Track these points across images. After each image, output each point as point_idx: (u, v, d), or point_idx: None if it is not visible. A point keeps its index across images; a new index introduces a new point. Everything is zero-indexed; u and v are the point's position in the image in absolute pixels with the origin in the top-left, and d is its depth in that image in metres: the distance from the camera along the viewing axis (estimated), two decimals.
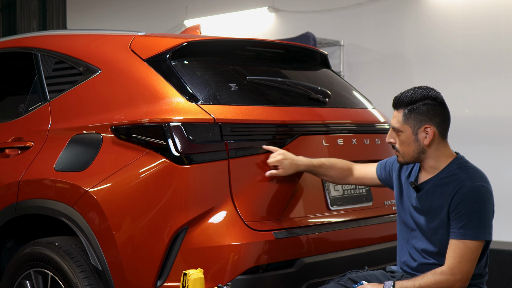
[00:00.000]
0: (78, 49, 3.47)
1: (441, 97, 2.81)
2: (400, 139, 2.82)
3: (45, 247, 3.16)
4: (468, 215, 2.67)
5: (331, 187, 3.35)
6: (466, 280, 2.68)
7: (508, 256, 5.39)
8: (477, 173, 2.76)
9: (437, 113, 2.77)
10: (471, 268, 2.68)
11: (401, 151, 2.83)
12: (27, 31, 10.89)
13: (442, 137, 2.81)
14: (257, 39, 3.67)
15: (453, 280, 2.66)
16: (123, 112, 3.09)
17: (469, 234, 2.66)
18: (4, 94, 3.96)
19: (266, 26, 7.98)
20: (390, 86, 6.96)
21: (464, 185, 2.70)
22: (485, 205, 2.69)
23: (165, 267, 2.89)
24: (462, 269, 2.66)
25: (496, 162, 6.13)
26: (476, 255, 2.68)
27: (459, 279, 2.66)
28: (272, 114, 3.16)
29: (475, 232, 2.66)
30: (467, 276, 2.67)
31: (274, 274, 2.97)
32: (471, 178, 2.72)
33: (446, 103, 2.82)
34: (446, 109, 2.81)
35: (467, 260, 2.66)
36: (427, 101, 2.76)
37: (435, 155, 2.80)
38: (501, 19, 6.25)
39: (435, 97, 2.78)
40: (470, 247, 2.66)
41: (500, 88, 6.23)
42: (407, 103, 2.78)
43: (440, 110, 2.78)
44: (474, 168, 2.80)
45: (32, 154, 3.34)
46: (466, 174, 2.74)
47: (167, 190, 2.91)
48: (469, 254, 2.66)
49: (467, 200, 2.68)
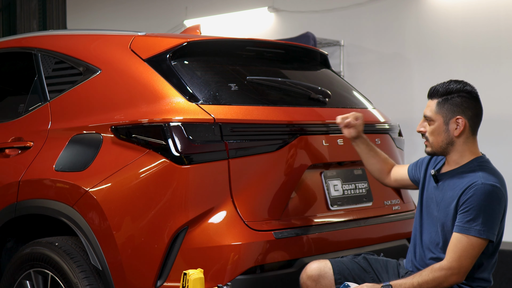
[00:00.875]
0: (78, 49, 3.47)
1: (476, 92, 2.85)
2: (431, 128, 2.85)
3: (45, 247, 3.16)
4: (476, 211, 2.67)
5: (331, 187, 3.35)
6: (463, 275, 2.68)
7: (508, 256, 5.39)
8: (494, 173, 2.78)
9: (471, 107, 2.81)
10: (470, 264, 2.69)
11: (431, 141, 2.87)
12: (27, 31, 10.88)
13: (472, 132, 2.83)
14: (257, 39, 3.68)
15: (451, 273, 2.67)
16: (123, 112, 3.09)
17: (474, 229, 2.67)
18: (4, 94, 3.96)
19: (266, 26, 7.98)
20: (390, 86, 6.96)
21: (478, 181, 2.72)
22: (494, 205, 2.69)
23: (165, 267, 2.89)
24: (461, 264, 2.67)
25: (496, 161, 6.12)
26: (477, 252, 2.68)
27: (456, 272, 2.67)
28: (272, 114, 3.16)
29: (480, 229, 2.66)
30: (464, 271, 2.68)
31: (274, 274, 2.98)
32: (487, 176, 2.73)
33: (480, 99, 2.85)
34: (479, 104, 2.85)
35: (467, 256, 2.67)
36: (462, 94, 2.81)
37: (462, 149, 2.83)
38: (501, 19, 6.25)
39: (470, 91, 2.83)
40: (472, 244, 2.66)
41: (500, 87, 6.23)
42: (442, 93, 2.84)
43: (473, 104, 2.82)
44: (493, 169, 2.82)
45: (32, 154, 3.34)
46: (483, 172, 2.76)
47: (167, 190, 2.91)
48: (470, 250, 2.67)
49: (476, 196, 2.69)
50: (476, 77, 6.31)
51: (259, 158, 3.04)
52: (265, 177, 3.04)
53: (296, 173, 3.14)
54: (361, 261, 2.99)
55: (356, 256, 3.02)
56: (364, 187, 3.49)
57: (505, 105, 6.21)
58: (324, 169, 3.34)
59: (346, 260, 2.97)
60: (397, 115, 5.93)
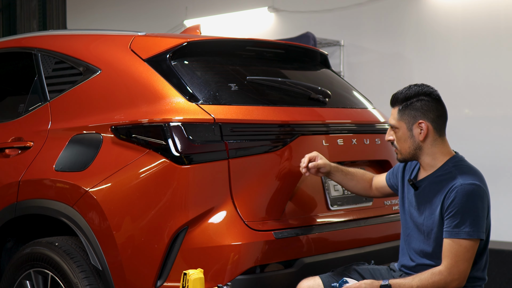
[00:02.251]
0: (78, 49, 3.47)
1: (437, 93, 2.83)
2: (397, 136, 2.86)
3: (45, 247, 3.16)
4: (461, 213, 2.67)
5: (331, 187, 3.35)
6: (463, 280, 2.68)
7: (508, 256, 5.39)
8: (471, 171, 2.76)
9: (431, 109, 2.79)
10: (468, 267, 2.68)
11: (399, 148, 2.87)
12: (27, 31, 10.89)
13: (438, 134, 2.82)
14: (257, 39, 3.67)
15: (451, 280, 2.66)
16: (123, 112, 3.09)
17: (463, 232, 2.66)
18: (4, 94, 3.96)
19: (266, 26, 7.98)
20: (390, 86, 6.93)
21: (456, 183, 2.71)
22: (477, 204, 2.68)
23: (165, 267, 2.89)
24: (459, 269, 2.66)
25: (496, 161, 6.13)
26: (471, 254, 2.68)
27: (457, 278, 2.66)
28: (272, 114, 3.16)
29: (469, 231, 2.66)
30: (464, 275, 2.68)
31: (274, 274, 2.98)
32: (464, 176, 2.72)
33: (442, 99, 2.84)
34: (441, 105, 2.83)
35: (463, 260, 2.66)
36: (421, 97, 2.80)
37: (431, 151, 2.82)
38: (501, 19, 6.25)
39: (429, 93, 2.81)
40: (465, 246, 2.66)
41: (500, 88, 6.23)
42: (401, 99, 2.83)
43: (434, 106, 2.80)
44: (469, 166, 2.80)
45: (32, 154, 3.34)
46: (460, 172, 2.75)
47: (167, 190, 2.91)
48: (465, 253, 2.66)
49: (459, 198, 2.68)
50: (476, 77, 6.32)
51: (259, 158, 3.04)
52: (265, 177, 3.04)
53: (296, 173, 3.14)
54: (352, 274, 2.96)
55: (346, 268, 2.99)
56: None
57: (505, 105, 6.21)
58: None
59: (336, 274, 2.94)
60: None
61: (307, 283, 2.90)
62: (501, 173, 6.10)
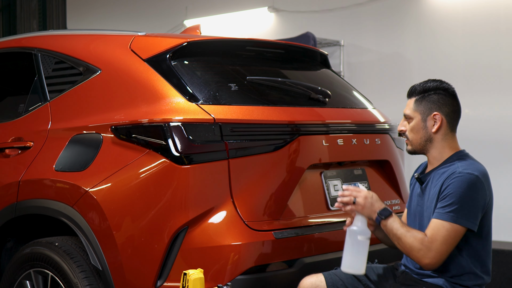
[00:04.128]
0: (78, 49, 3.47)
1: (453, 89, 2.91)
2: (410, 126, 2.91)
3: (45, 247, 3.16)
4: (452, 197, 2.69)
5: (331, 187, 3.35)
6: (437, 261, 2.67)
7: (508, 256, 5.39)
8: (474, 164, 2.79)
9: (447, 103, 2.86)
10: (447, 250, 2.67)
11: (410, 138, 2.91)
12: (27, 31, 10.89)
13: (450, 129, 2.87)
14: (257, 39, 3.67)
15: (426, 253, 2.65)
16: (123, 112, 3.09)
17: (448, 215, 2.67)
18: (4, 94, 3.96)
19: (266, 26, 7.98)
20: (390, 86, 6.96)
21: (456, 170, 2.74)
22: (471, 193, 2.69)
23: (165, 267, 2.90)
24: (438, 248, 2.65)
25: (497, 161, 6.12)
26: (453, 239, 2.67)
27: (432, 256, 2.65)
28: (272, 114, 3.16)
29: (453, 215, 2.67)
30: (440, 256, 2.66)
31: (274, 274, 2.98)
32: (465, 166, 2.76)
33: (457, 97, 2.90)
34: (457, 101, 2.90)
35: (444, 242, 2.66)
36: (439, 91, 2.88)
37: (441, 145, 2.86)
38: (501, 19, 6.25)
39: (447, 88, 2.89)
40: (448, 229, 2.66)
41: (500, 88, 6.23)
42: (419, 91, 2.91)
43: (450, 101, 2.87)
44: (473, 160, 2.84)
45: (32, 154, 3.34)
46: (461, 163, 2.79)
47: (167, 190, 2.91)
48: (446, 236, 2.66)
49: (454, 184, 2.71)
50: (476, 77, 6.32)
51: (259, 158, 3.04)
52: (265, 177, 3.04)
53: (296, 173, 3.14)
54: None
55: None
56: (364, 187, 3.49)
57: (505, 106, 6.21)
58: (324, 169, 3.34)
59: (339, 271, 2.93)
60: (397, 115, 5.91)
61: (310, 280, 2.92)
62: (501, 173, 6.09)
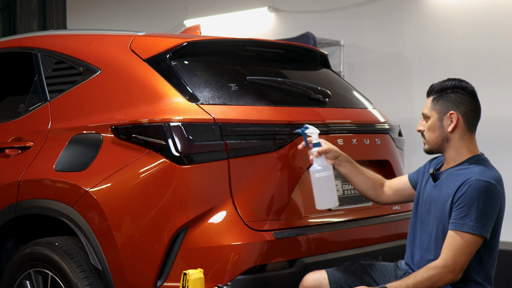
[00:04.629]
0: (78, 49, 3.47)
1: (472, 88, 2.86)
2: (427, 125, 2.87)
3: (45, 247, 3.16)
4: (469, 206, 2.66)
5: None
6: (458, 272, 2.66)
7: (508, 256, 5.39)
8: (490, 171, 2.76)
9: (465, 102, 2.81)
10: (465, 261, 2.67)
11: (427, 138, 2.88)
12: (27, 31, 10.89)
13: (468, 129, 2.82)
14: (257, 39, 3.67)
15: (446, 272, 2.65)
16: (123, 112, 3.09)
17: (467, 225, 2.65)
18: (4, 94, 3.96)
19: (266, 26, 7.98)
20: (390, 86, 6.96)
21: (472, 177, 2.70)
22: (488, 201, 2.67)
23: (165, 267, 2.89)
24: (456, 261, 2.65)
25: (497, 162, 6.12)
26: (472, 249, 2.66)
27: (452, 270, 2.65)
28: (272, 114, 3.16)
29: (473, 225, 2.65)
30: (459, 268, 2.66)
31: (274, 274, 2.98)
32: (481, 173, 2.72)
33: (477, 96, 2.86)
34: (475, 100, 2.84)
35: (462, 253, 2.65)
36: (457, 90, 2.83)
37: (458, 146, 2.82)
38: (501, 19, 6.25)
39: (465, 87, 2.84)
40: (467, 240, 2.65)
41: (500, 88, 6.23)
42: (437, 90, 2.87)
43: (468, 100, 2.82)
44: (490, 166, 2.80)
45: (32, 154, 3.34)
46: (478, 168, 2.74)
47: (167, 190, 2.91)
48: (465, 248, 2.65)
49: (470, 192, 2.67)
50: (476, 77, 6.32)
51: (259, 158, 3.04)
52: (265, 177, 3.04)
53: (296, 173, 3.14)
54: (358, 268, 2.98)
55: (353, 263, 3.01)
56: None
57: (505, 106, 6.21)
58: None
59: (342, 268, 2.96)
60: (397, 115, 5.92)
61: (313, 276, 2.93)
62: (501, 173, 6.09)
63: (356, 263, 3.01)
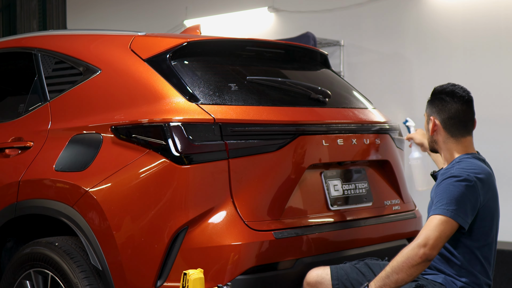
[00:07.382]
0: (78, 49, 3.47)
1: (463, 95, 2.91)
2: None
3: (45, 247, 3.16)
4: (444, 193, 2.74)
5: (331, 187, 3.35)
6: (431, 247, 2.65)
7: (508, 256, 5.39)
8: (472, 164, 2.82)
9: (446, 109, 2.90)
10: (437, 237, 2.66)
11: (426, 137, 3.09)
12: (27, 31, 10.89)
13: (450, 134, 2.92)
14: (257, 39, 3.68)
15: (418, 246, 2.65)
16: (123, 112, 3.09)
17: (439, 208, 2.71)
18: (4, 94, 3.96)
19: (266, 26, 7.98)
20: (390, 86, 6.96)
21: (451, 170, 2.81)
22: (460, 190, 2.73)
23: (165, 267, 2.90)
24: (427, 236, 2.66)
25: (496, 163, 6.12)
26: (444, 228, 2.67)
27: (423, 244, 2.64)
28: (272, 114, 3.16)
29: (444, 208, 2.70)
30: (432, 243, 2.65)
31: (274, 274, 2.98)
32: (460, 169, 2.80)
33: (468, 103, 2.92)
34: (463, 107, 2.91)
35: (434, 229, 2.67)
36: (443, 96, 2.92)
37: (445, 147, 2.95)
38: (501, 19, 6.25)
39: (454, 93, 2.91)
40: (439, 219, 2.69)
41: (501, 88, 6.23)
42: (432, 93, 3.00)
43: (454, 106, 2.90)
44: (472, 161, 2.86)
45: (32, 154, 3.34)
46: (458, 165, 2.84)
47: (167, 190, 2.91)
48: (438, 225, 2.68)
49: (446, 181, 2.77)
50: (476, 77, 6.32)
51: (259, 158, 3.04)
52: (265, 177, 3.04)
53: (296, 173, 3.14)
54: (362, 266, 3.01)
55: (358, 262, 3.04)
56: (364, 187, 3.49)
57: (505, 105, 6.21)
58: (324, 169, 3.34)
59: (346, 266, 2.99)
60: (397, 115, 5.93)
61: (316, 272, 2.96)
62: (502, 173, 6.09)
63: (361, 262, 3.04)
